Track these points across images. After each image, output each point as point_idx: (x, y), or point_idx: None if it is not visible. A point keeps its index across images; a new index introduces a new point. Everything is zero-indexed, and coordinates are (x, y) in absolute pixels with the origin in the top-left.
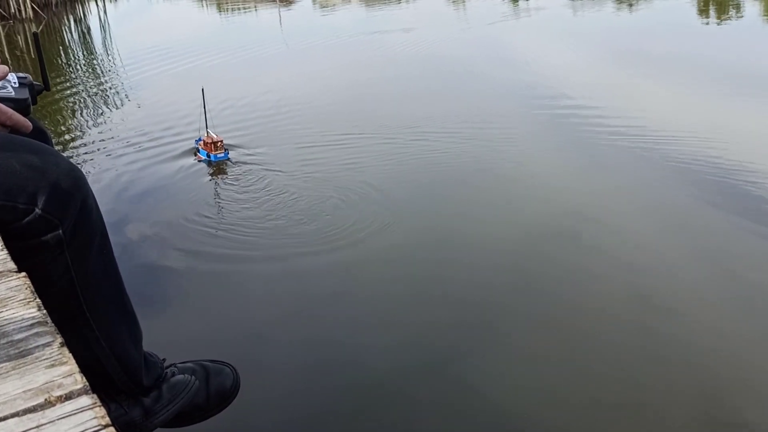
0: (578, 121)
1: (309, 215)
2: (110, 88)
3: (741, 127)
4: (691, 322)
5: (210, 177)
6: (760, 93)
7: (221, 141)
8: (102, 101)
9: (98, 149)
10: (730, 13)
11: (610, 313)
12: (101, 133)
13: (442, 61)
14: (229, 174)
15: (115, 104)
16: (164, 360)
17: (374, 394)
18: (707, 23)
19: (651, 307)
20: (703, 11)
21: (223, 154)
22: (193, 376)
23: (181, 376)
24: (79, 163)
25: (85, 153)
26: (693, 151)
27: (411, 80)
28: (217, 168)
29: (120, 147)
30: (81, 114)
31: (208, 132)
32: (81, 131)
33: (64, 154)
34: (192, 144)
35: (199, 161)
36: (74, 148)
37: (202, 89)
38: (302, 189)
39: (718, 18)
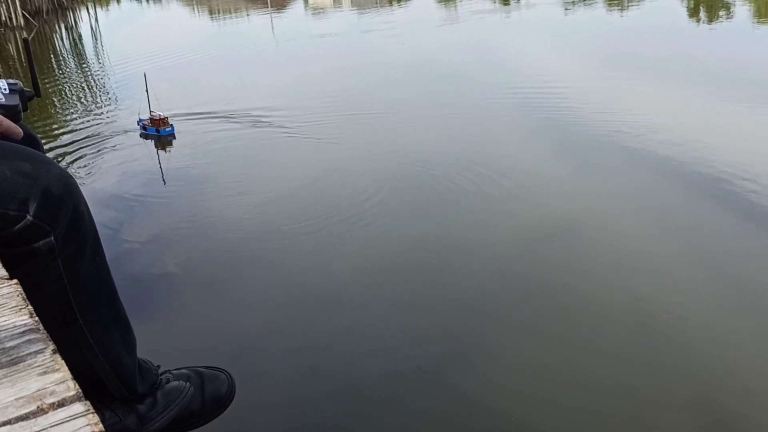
0: (573, 124)
1: (298, 224)
2: (101, 95)
3: (734, 128)
4: (688, 327)
5: (201, 181)
6: (754, 95)
7: (167, 118)
8: (93, 107)
9: (90, 155)
10: (721, 15)
11: (605, 318)
12: (92, 138)
13: (432, 64)
14: (222, 179)
15: (106, 110)
16: (159, 366)
17: (368, 400)
18: (699, 25)
19: (647, 312)
20: (694, 13)
21: (170, 129)
22: (188, 383)
23: (176, 383)
24: (70, 170)
25: (77, 159)
26: (688, 154)
27: (400, 84)
28: (167, 142)
29: (112, 152)
30: (72, 120)
31: (152, 111)
32: (72, 137)
33: (55, 161)
34: (135, 124)
35: (146, 137)
36: (65, 154)
37: (144, 74)
38: (290, 196)
39: (710, 20)
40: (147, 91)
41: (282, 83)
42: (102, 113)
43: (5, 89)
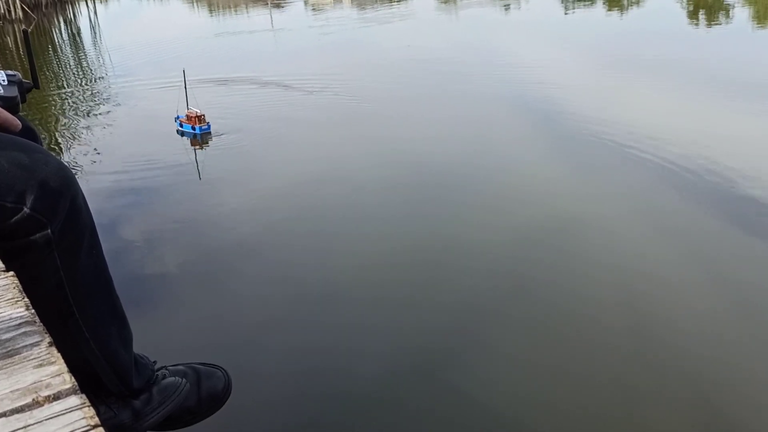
0: (571, 126)
1: (296, 221)
2: (99, 87)
3: (730, 131)
4: (684, 328)
5: (198, 174)
6: (751, 98)
7: (204, 115)
8: (91, 99)
9: (88, 148)
10: (720, 17)
11: (602, 319)
12: (91, 131)
13: (431, 63)
14: (215, 170)
15: (105, 102)
16: (155, 362)
17: (365, 398)
18: (697, 28)
19: (643, 314)
20: (693, 16)
21: (206, 126)
22: (184, 379)
23: (172, 379)
24: (68, 162)
25: (75, 151)
26: (684, 156)
27: (399, 83)
28: (202, 142)
29: (110, 145)
30: (70, 112)
31: (189, 108)
32: (70, 129)
33: (53, 153)
34: (173, 121)
35: (182, 134)
36: (63, 146)
37: (183, 71)
38: (288, 193)
39: (708, 22)
40: (185, 87)
41: (281, 83)
42: (98, 107)
43: (4, 81)
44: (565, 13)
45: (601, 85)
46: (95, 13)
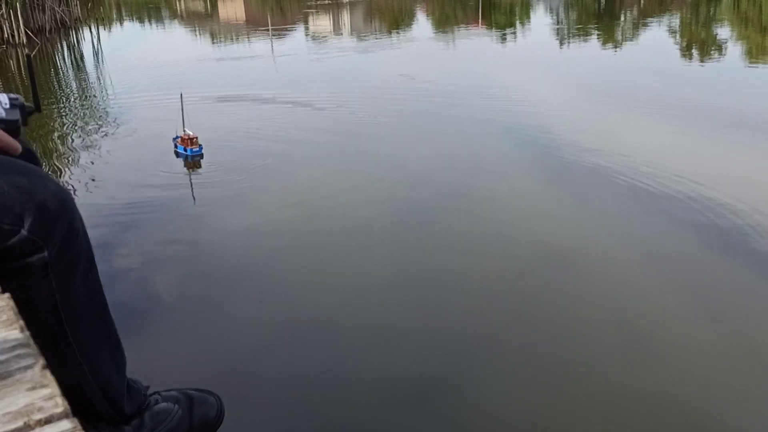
0: (566, 158)
1: (294, 247)
2: (101, 113)
3: (726, 165)
4: (678, 356)
5: (194, 197)
6: (747, 132)
7: (196, 137)
8: (93, 125)
9: (87, 172)
10: (713, 53)
11: (596, 345)
12: (90, 152)
13: (425, 93)
14: (214, 192)
15: (106, 128)
16: (148, 387)
17: (362, 425)
18: (691, 63)
19: (637, 342)
20: (687, 51)
21: (197, 149)
22: (176, 405)
23: (164, 405)
24: (65, 184)
25: (74, 175)
26: (679, 189)
27: (392, 110)
28: (194, 164)
29: (109, 170)
30: (71, 137)
31: (185, 131)
32: (69, 150)
33: (52, 175)
34: (170, 142)
35: (177, 155)
36: (63, 170)
37: (181, 94)
38: (282, 219)
39: (702, 58)
40: (182, 109)
41: (279, 105)
42: (99, 132)
43: (6, 103)
44: (560, 48)
45: (597, 117)
46: (98, 38)
